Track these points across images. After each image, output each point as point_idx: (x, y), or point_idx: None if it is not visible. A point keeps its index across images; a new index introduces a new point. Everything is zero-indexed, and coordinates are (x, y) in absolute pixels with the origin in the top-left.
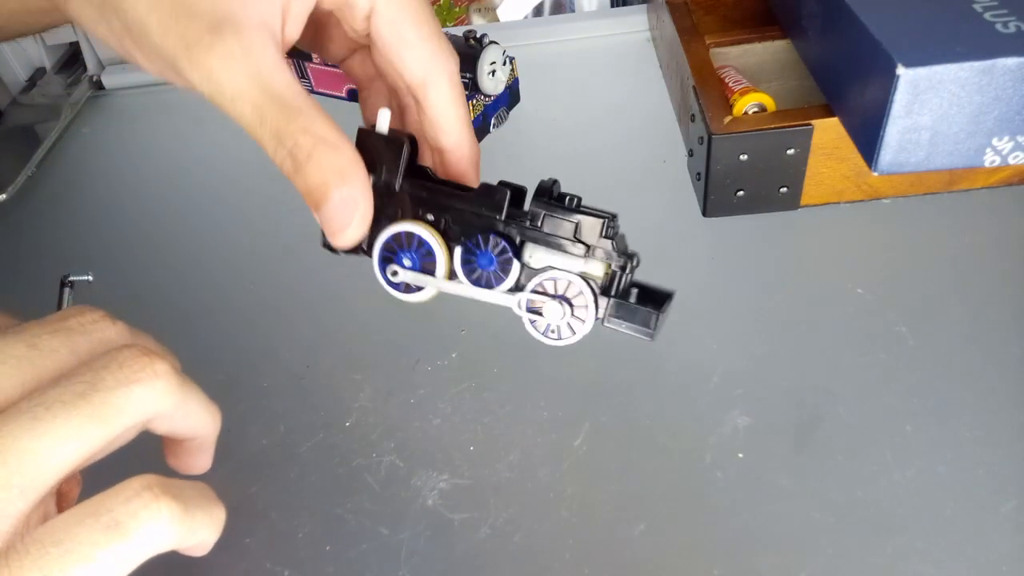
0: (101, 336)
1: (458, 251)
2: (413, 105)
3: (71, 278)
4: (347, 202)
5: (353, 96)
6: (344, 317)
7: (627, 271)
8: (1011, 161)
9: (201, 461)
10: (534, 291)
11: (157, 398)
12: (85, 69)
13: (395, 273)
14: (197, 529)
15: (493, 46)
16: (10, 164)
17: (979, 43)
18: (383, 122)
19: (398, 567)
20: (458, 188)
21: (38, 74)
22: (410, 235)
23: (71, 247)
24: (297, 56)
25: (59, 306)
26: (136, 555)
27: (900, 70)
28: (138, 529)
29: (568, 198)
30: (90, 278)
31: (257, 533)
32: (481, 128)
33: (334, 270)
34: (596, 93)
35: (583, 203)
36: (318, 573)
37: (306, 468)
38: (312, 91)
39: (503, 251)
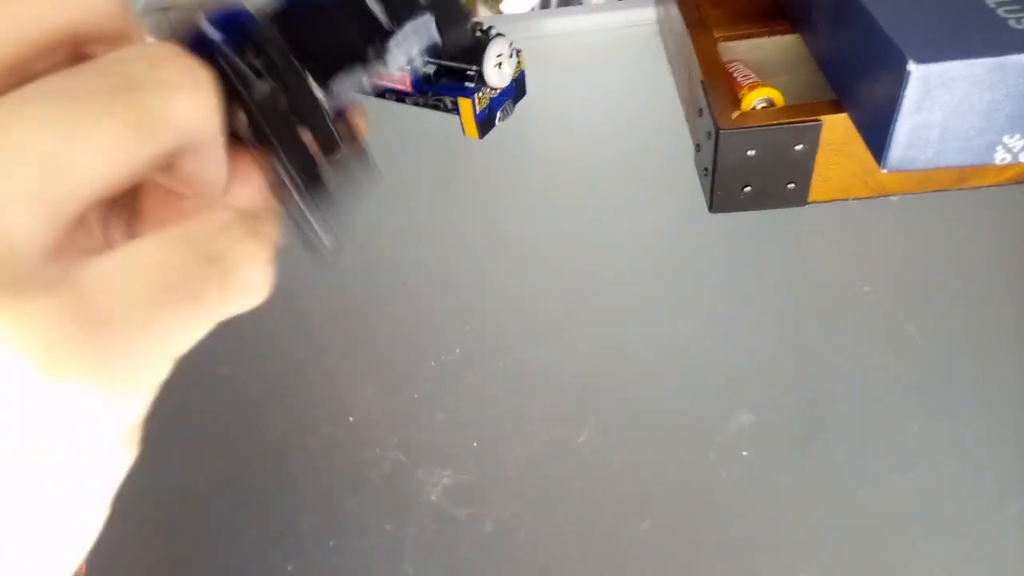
0: None
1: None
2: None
3: None
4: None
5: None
6: (348, 312)
7: None
8: (1022, 159)
9: None
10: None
11: (203, 116)
12: None
13: None
14: (269, 282)
15: (500, 38)
16: None
17: (991, 39)
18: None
19: (401, 562)
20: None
21: None
22: None
23: None
24: None
25: None
26: (229, 306)
27: (911, 66)
28: (241, 271)
29: None
30: None
31: (261, 527)
32: (487, 121)
33: (338, 264)
34: (603, 86)
35: None
36: (322, 568)
37: (310, 463)
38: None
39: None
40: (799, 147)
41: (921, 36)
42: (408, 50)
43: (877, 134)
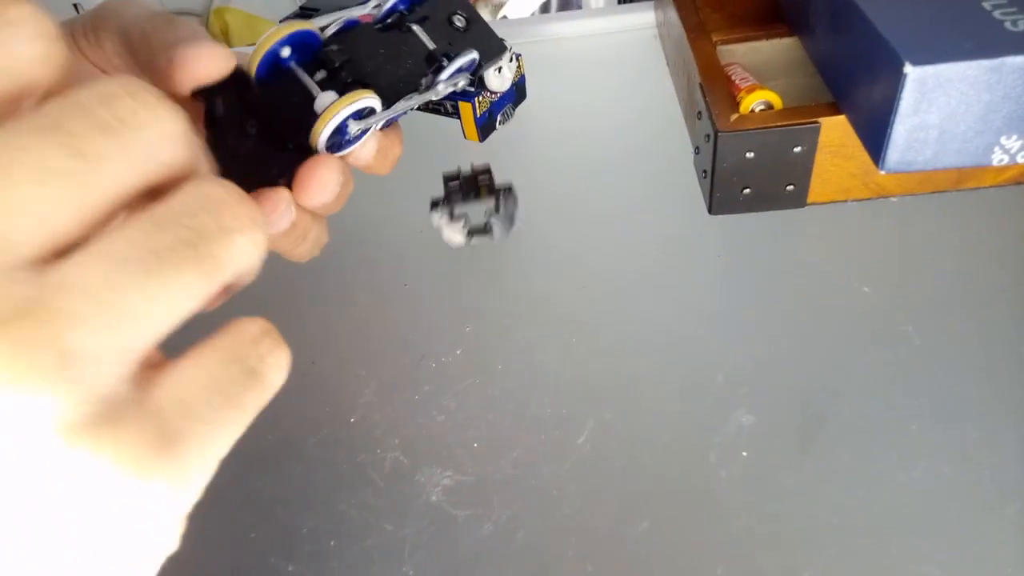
0: (160, 133)
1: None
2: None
3: None
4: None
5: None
6: (349, 313)
7: None
8: (1019, 160)
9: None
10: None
11: (254, 253)
12: None
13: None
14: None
15: None
16: None
17: (987, 41)
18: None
19: (402, 563)
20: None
21: None
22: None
23: None
24: None
25: None
26: (262, 404)
27: (908, 68)
28: (271, 377)
29: None
30: None
31: (261, 528)
32: (487, 125)
33: (339, 265)
34: (603, 90)
35: None
36: (322, 569)
37: (311, 464)
38: None
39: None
40: (798, 149)
41: (918, 38)
42: (455, 82)
43: (875, 136)
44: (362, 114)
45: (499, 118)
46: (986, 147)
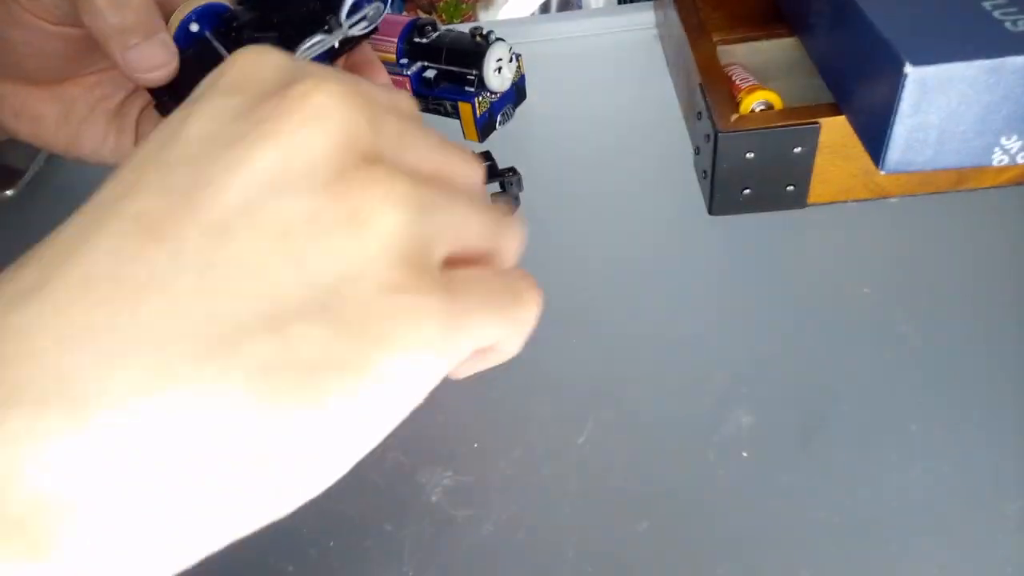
0: (513, 248)
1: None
2: None
3: None
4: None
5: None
6: None
7: None
8: (1019, 160)
9: None
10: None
11: (530, 327)
12: None
13: None
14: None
15: (499, 43)
16: (19, 159)
17: (988, 41)
18: None
19: (401, 563)
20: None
21: None
22: None
23: None
24: None
25: None
26: (520, 329)
27: (908, 68)
28: (530, 308)
29: None
30: None
31: (261, 528)
32: (487, 125)
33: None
34: (602, 90)
35: None
36: (321, 569)
37: None
38: None
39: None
40: (798, 149)
41: (918, 39)
42: (364, 14)
43: (875, 136)
44: None
45: (499, 118)
46: (986, 147)
